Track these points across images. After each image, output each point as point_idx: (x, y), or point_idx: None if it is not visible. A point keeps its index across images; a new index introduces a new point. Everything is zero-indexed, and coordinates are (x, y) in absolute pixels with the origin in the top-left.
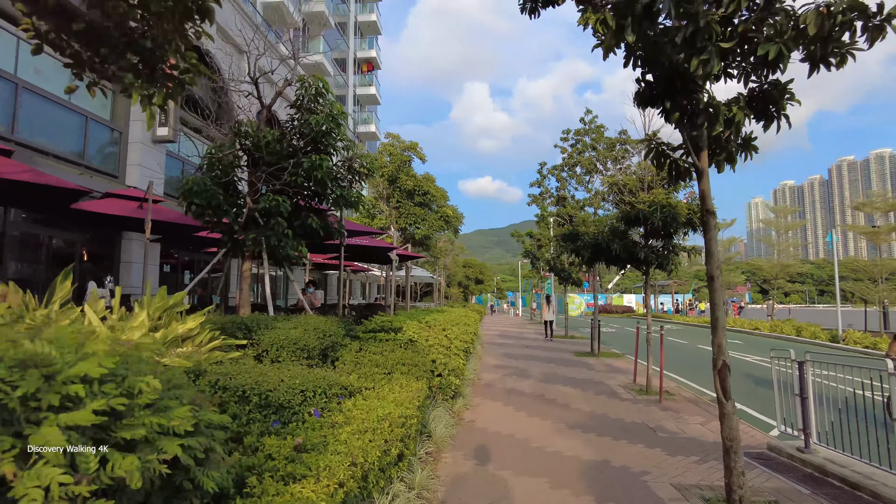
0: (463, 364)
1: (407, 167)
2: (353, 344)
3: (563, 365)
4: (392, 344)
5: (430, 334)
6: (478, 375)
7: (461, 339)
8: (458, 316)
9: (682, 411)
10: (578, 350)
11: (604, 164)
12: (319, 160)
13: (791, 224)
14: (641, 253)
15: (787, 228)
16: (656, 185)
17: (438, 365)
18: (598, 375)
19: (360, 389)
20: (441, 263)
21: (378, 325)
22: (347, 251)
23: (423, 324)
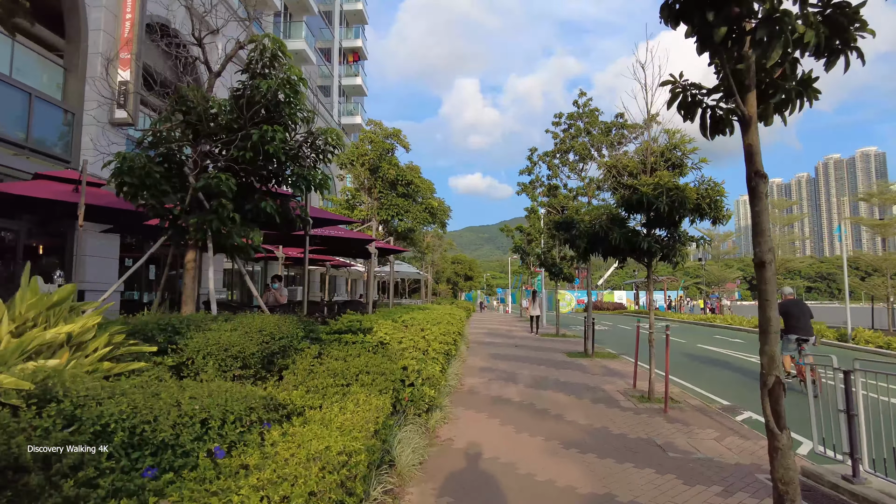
0: (440, 371)
1: (389, 156)
2: (311, 348)
3: (554, 367)
4: (358, 347)
5: (404, 335)
6: (461, 381)
7: (442, 340)
8: (441, 314)
9: (691, 423)
10: (571, 350)
11: (598, 151)
12: (271, 132)
13: (791, 217)
14: (644, 243)
15: (786, 222)
16: (660, 167)
17: (410, 373)
18: (594, 379)
19: (303, 409)
20: (429, 259)
21: (345, 325)
22: (323, 243)
23: (398, 323)
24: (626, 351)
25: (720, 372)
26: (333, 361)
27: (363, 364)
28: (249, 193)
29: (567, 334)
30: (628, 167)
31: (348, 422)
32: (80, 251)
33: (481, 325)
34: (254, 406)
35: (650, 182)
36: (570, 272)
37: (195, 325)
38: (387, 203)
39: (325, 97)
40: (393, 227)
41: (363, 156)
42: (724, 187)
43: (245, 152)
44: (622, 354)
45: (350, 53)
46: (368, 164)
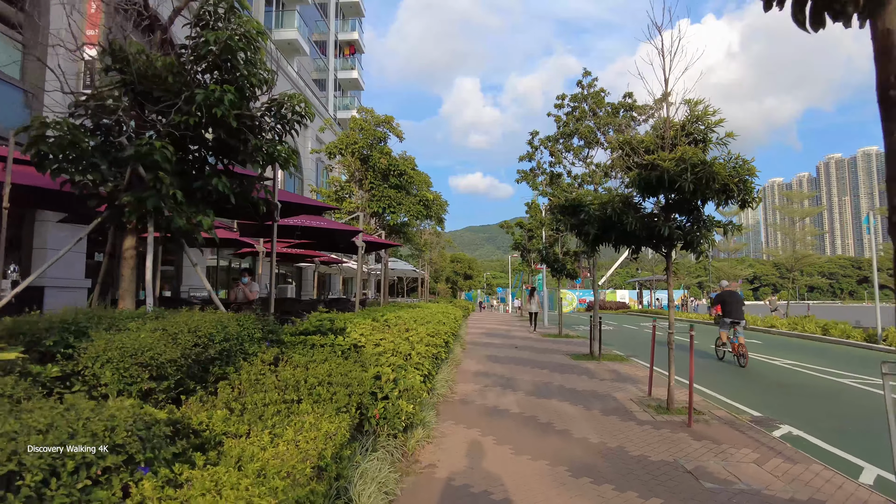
0: (423, 380)
1: (381, 145)
2: (268, 353)
3: (558, 371)
4: (326, 352)
5: (384, 337)
6: (452, 388)
7: (429, 342)
8: (433, 313)
9: (722, 440)
10: (575, 352)
11: (605, 135)
12: (219, 92)
13: (808, 210)
14: (665, 228)
15: (803, 215)
16: (680, 143)
17: (385, 383)
18: (604, 386)
19: (220, 440)
20: (426, 257)
21: (313, 325)
22: (306, 236)
23: (378, 323)
24: (636, 353)
25: (742, 377)
26: (290, 369)
27: (325, 373)
28: (200, 169)
29: (570, 334)
30: (644, 142)
31: (279, 458)
32: (38, 244)
33: (480, 325)
34: (123, 442)
35: (672, 157)
36: (574, 268)
37: (106, 324)
38: (378, 195)
39: (320, 91)
40: (385, 221)
41: (353, 144)
42: (754, 165)
43: (189, 117)
44: (631, 357)
45: (346, 46)
46: (359, 153)
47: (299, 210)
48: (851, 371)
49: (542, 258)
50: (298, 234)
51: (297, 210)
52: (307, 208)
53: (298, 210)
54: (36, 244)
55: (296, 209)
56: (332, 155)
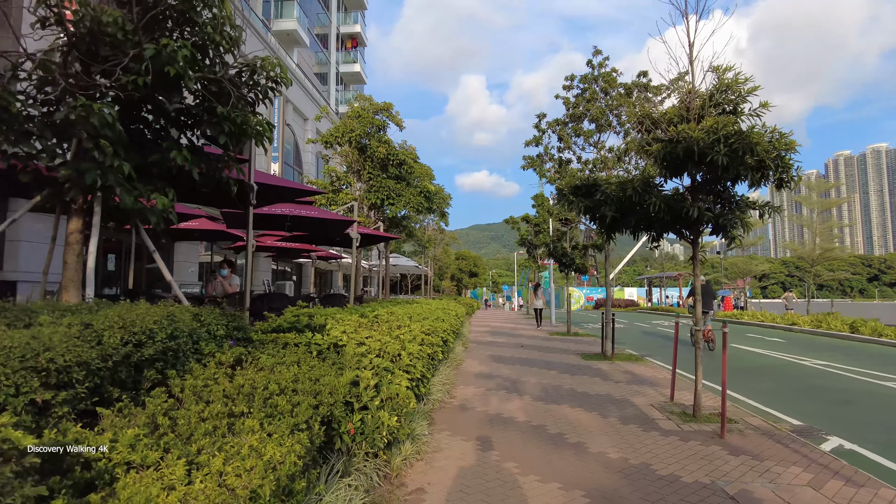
0: (414, 384)
1: (379, 133)
2: (227, 353)
3: (568, 373)
4: (300, 352)
5: (370, 335)
6: (450, 391)
7: (424, 341)
8: (432, 309)
9: (764, 456)
10: (585, 351)
11: (618, 117)
12: (173, 47)
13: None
14: (693, 209)
15: (825, 206)
16: (708, 113)
17: (364, 391)
18: (619, 389)
19: (117, 473)
20: (430, 254)
21: (288, 321)
22: (296, 227)
23: (366, 319)
24: (650, 352)
25: (772, 379)
26: (250, 373)
27: (291, 378)
28: (150, 139)
29: (579, 332)
30: (667, 115)
31: (189, 502)
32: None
33: (484, 323)
34: None
35: (702, 127)
36: (583, 263)
37: (13, 318)
38: (376, 185)
39: (322, 85)
40: (384, 214)
41: (350, 132)
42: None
43: (137, 77)
44: (646, 356)
45: (348, 39)
46: (356, 142)
47: (281, 195)
48: (893, 373)
49: (550, 253)
50: (289, 224)
51: (279, 195)
52: (290, 192)
53: (280, 195)
54: (9, 236)
55: (277, 194)
56: (328, 144)
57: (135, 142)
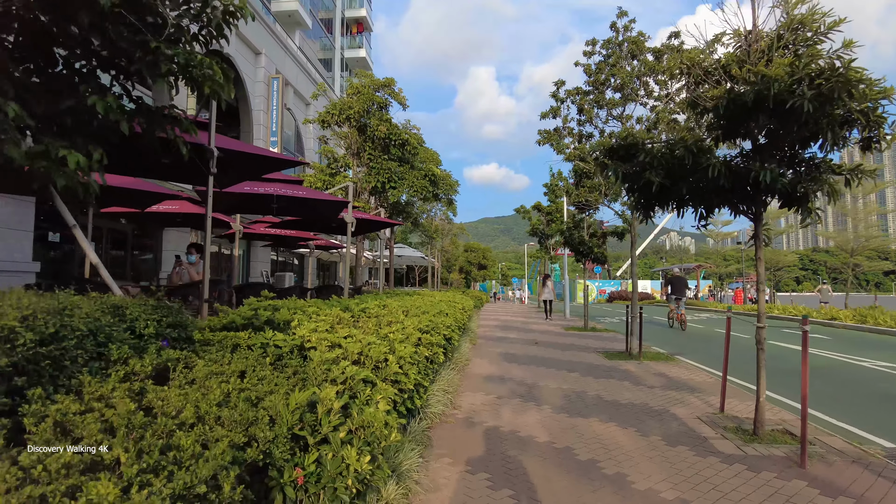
0: (390, 410)
1: (380, 111)
2: (150, 359)
3: (592, 375)
4: (252, 357)
5: (350, 335)
6: (454, 400)
7: (421, 341)
8: (434, 302)
9: (867, 496)
10: (607, 349)
11: (645, 86)
12: None
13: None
14: (765, 174)
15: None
16: (773, 56)
17: (324, 416)
18: (655, 397)
19: None
20: (438, 245)
21: (244, 316)
22: (284, 210)
23: (349, 314)
24: (679, 350)
25: (830, 383)
26: (170, 392)
27: (217, 399)
28: (73, 86)
29: (597, 328)
30: (721, 62)
31: None
32: None
33: (494, 317)
34: None
35: (780, 64)
36: (601, 252)
37: None
38: (376, 167)
39: (326, 71)
40: (385, 199)
41: (348, 109)
42: (892, 86)
43: None
44: (676, 355)
45: (353, 24)
46: (355, 120)
47: (257, 166)
48: None
49: (566, 241)
50: (275, 206)
51: (254, 167)
52: (266, 163)
53: (256, 166)
54: None
55: (251, 165)
56: (325, 124)
57: (49, 85)
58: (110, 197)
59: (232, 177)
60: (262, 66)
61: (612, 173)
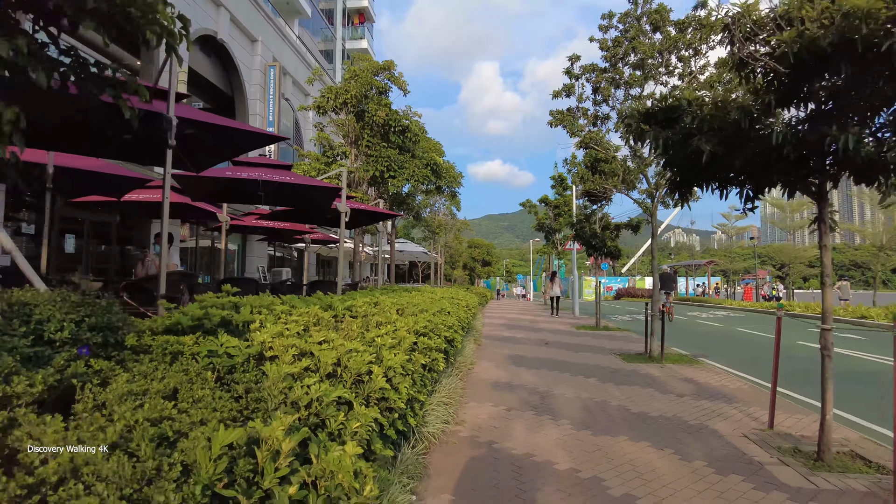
0: (357, 459)
1: (378, 96)
2: (49, 373)
3: (612, 381)
4: (194, 370)
5: (326, 339)
6: (457, 412)
7: (417, 345)
8: (435, 299)
9: None
10: (623, 350)
11: (667, 65)
12: None
13: None
14: (847, 140)
15: None
16: None
17: (266, 465)
18: (688, 408)
19: None
20: (441, 241)
21: (193, 316)
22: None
23: (330, 314)
24: (702, 351)
25: (885, 391)
26: (36, 426)
27: (112, 437)
28: None
29: (610, 326)
30: (774, 11)
31: None
32: None
33: (499, 315)
34: None
35: None
36: (614, 246)
37: None
38: (375, 155)
39: (327, 63)
40: (386, 190)
41: (344, 93)
42: None
43: None
44: (700, 357)
45: (355, 15)
46: (352, 105)
47: (229, 143)
48: None
49: (576, 234)
50: (262, 193)
51: (226, 143)
52: (240, 138)
53: (228, 143)
54: None
55: (220, 140)
56: (321, 110)
57: None
58: (82, 184)
59: (206, 157)
60: (259, 54)
61: (651, 141)
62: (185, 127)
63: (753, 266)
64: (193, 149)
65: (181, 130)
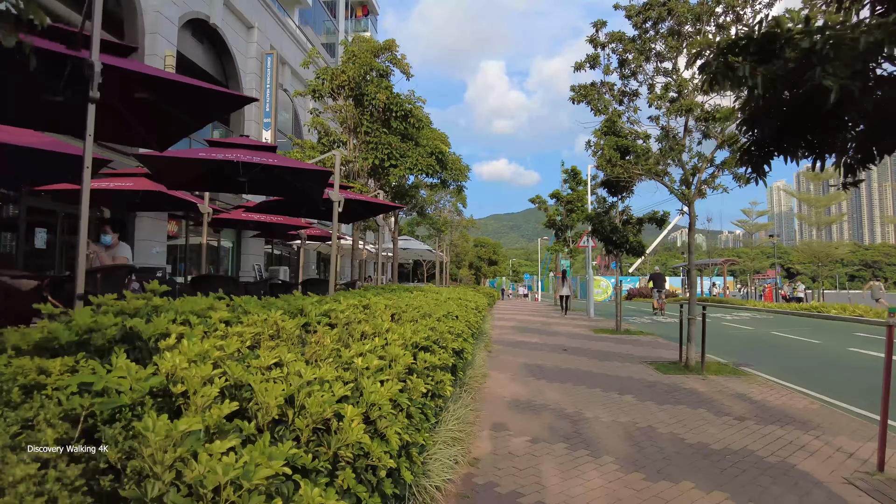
0: None
1: (378, 79)
2: None
3: (652, 399)
4: (41, 420)
5: (280, 361)
6: (469, 447)
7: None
8: (440, 300)
9: None
10: (653, 358)
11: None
12: None
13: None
14: None
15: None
16: None
17: None
18: (757, 437)
19: None
20: (447, 239)
21: (77, 328)
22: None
23: (296, 322)
24: (742, 359)
25: None
26: None
27: None
28: None
29: (631, 330)
30: None
31: None
32: None
33: (508, 316)
34: None
35: None
36: (638, 241)
37: None
38: (374, 142)
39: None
40: (387, 182)
41: (342, 74)
42: None
43: None
44: (742, 366)
45: (358, 7)
46: (349, 88)
47: (188, 105)
48: None
49: (594, 229)
50: (243, 180)
51: (185, 105)
52: (197, 98)
53: (187, 105)
54: None
55: (175, 102)
56: (317, 95)
57: None
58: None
59: (168, 129)
60: (255, 42)
61: (746, 78)
62: (137, 88)
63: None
64: (152, 118)
65: (133, 92)
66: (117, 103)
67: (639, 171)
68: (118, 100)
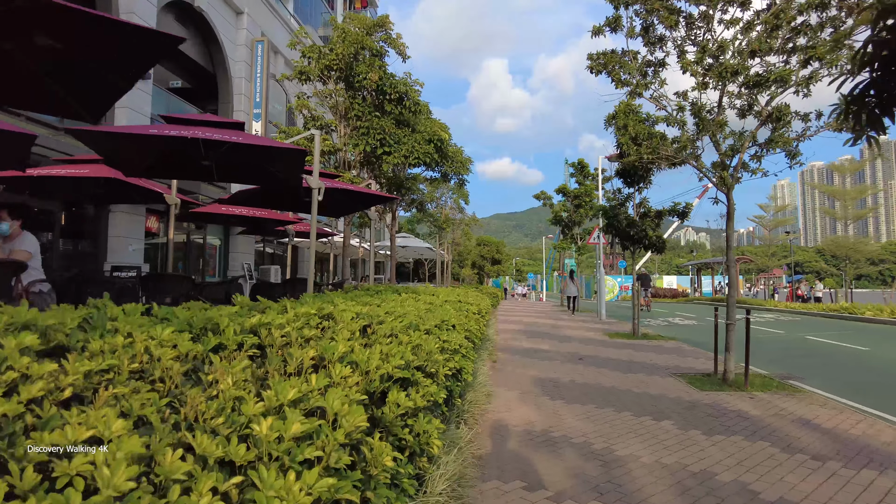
0: None
1: (371, 58)
2: None
3: (696, 427)
4: None
5: (90, 432)
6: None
7: (375, 422)
8: (435, 304)
9: None
10: (682, 368)
11: None
12: None
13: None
14: None
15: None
16: None
17: None
18: (854, 488)
19: None
20: (448, 237)
21: None
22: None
23: (191, 350)
24: (783, 369)
25: None
26: None
27: None
28: None
29: (650, 334)
30: None
31: None
32: None
33: (514, 318)
34: None
35: None
36: (659, 236)
37: None
38: (366, 126)
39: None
40: (381, 172)
41: (329, 53)
42: None
43: None
44: (790, 380)
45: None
46: (339, 69)
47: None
48: None
49: (608, 223)
50: (207, 163)
51: (98, 52)
52: (123, 45)
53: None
54: None
55: (91, 52)
56: (304, 78)
57: None
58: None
59: (91, 88)
60: (245, 28)
61: None
62: (33, 30)
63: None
64: (67, 74)
65: (31, 38)
66: (20, 54)
67: (668, 153)
68: (21, 49)
